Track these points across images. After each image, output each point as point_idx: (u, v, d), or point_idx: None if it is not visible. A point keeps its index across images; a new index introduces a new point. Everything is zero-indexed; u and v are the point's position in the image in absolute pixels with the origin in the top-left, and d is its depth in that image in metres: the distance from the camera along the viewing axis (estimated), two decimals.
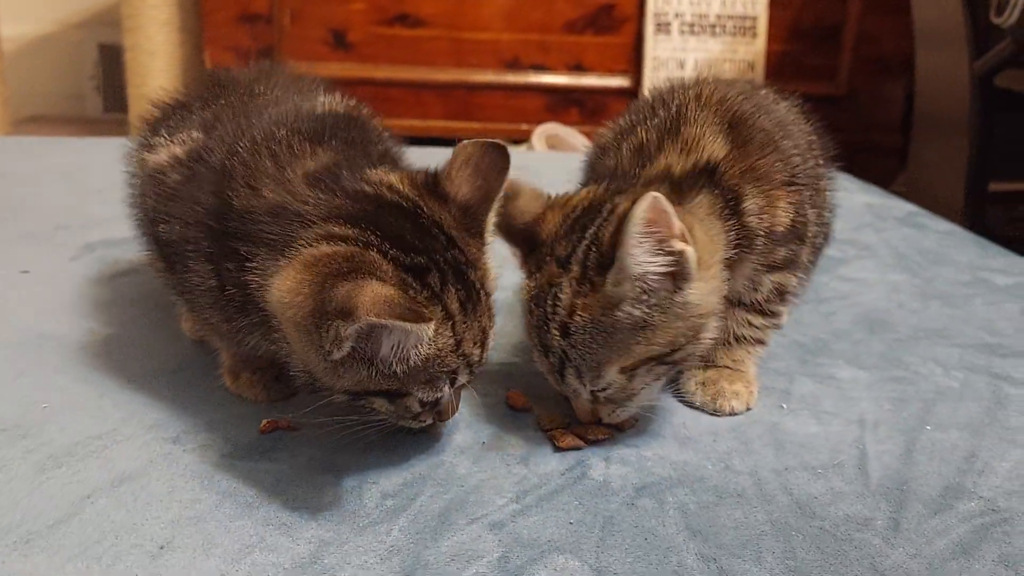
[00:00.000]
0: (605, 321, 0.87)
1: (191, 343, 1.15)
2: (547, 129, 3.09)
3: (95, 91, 4.00)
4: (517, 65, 3.22)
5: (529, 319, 0.93)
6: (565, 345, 0.89)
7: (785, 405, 1.06)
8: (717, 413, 1.03)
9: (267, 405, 1.01)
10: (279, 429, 0.95)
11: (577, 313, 0.87)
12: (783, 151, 1.00)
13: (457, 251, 0.84)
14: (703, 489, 0.88)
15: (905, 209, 2.06)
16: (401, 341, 0.76)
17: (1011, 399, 1.09)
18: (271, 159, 0.88)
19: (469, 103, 3.24)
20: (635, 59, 3.19)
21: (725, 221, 0.94)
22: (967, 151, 2.30)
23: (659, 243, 0.83)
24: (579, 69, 3.22)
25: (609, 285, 0.86)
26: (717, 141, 0.97)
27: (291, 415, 0.97)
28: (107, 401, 1.00)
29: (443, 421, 0.92)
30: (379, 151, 0.98)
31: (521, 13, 3.17)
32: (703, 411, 1.04)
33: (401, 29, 3.18)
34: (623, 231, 0.82)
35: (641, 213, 0.81)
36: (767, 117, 1.02)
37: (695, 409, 1.04)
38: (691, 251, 0.85)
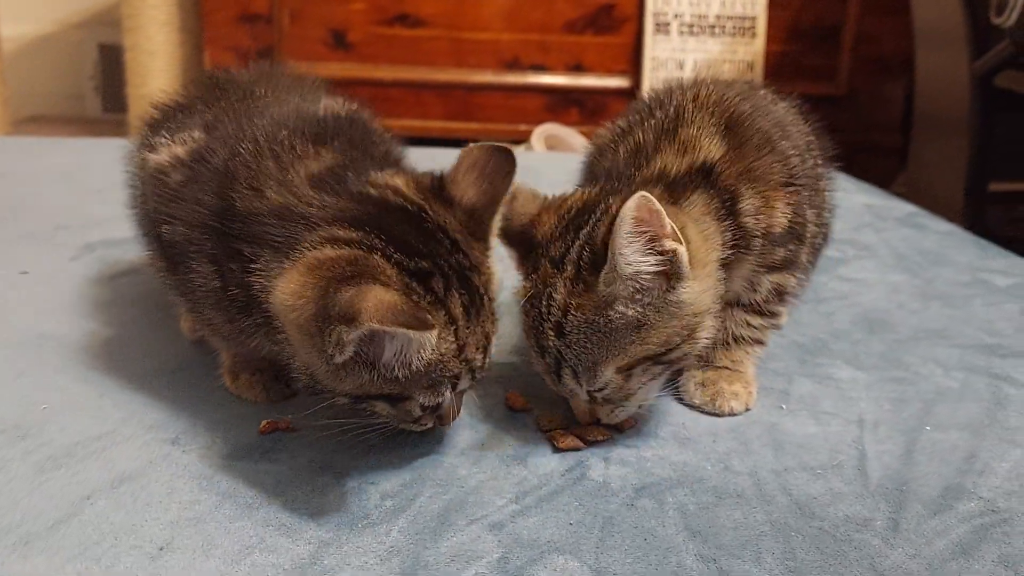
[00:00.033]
0: (599, 321, 0.87)
1: (190, 344, 1.15)
2: (546, 129, 3.09)
3: (95, 91, 4.00)
4: (517, 65, 3.22)
5: (525, 320, 0.93)
6: (560, 345, 0.89)
7: (784, 406, 1.06)
8: (716, 414, 1.03)
9: (267, 406, 1.01)
10: (278, 430, 0.95)
11: (571, 313, 0.87)
12: (780, 152, 1.00)
13: (461, 255, 0.84)
14: (703, 490, 0.88)
15: (905, 209, 2.06)
16: (404, 347, 0.76)
17: (1011, 399, 1.09)
18: (274, 160, 0.88)
19: (469, 103, 3.24)
20: (634, 59, 3.20)
21: (721, 221, 0.94)
22: (967, 151, 2.30)
23: (650, 242, 0.84)
24: (579, 69, 3.22)
25: (602, 285, 0.86)
26: (714, 142, 0.97)
27: (291, 416, 0.97)
28: (107, 401, 1.00)
29: (444, 425, 0.92)
30: (381, 153, 0.98)
31: (521, 13, 3.17)
32: (702, 412, 1.04)
33: (401, 29, 3.18)
34: (613, 232, 0.83)
35: (630, 213, 0.81)
36: (765, 118, 1.02)
37: (694, 410, 1.04)
38: (683, 250, 0.85)
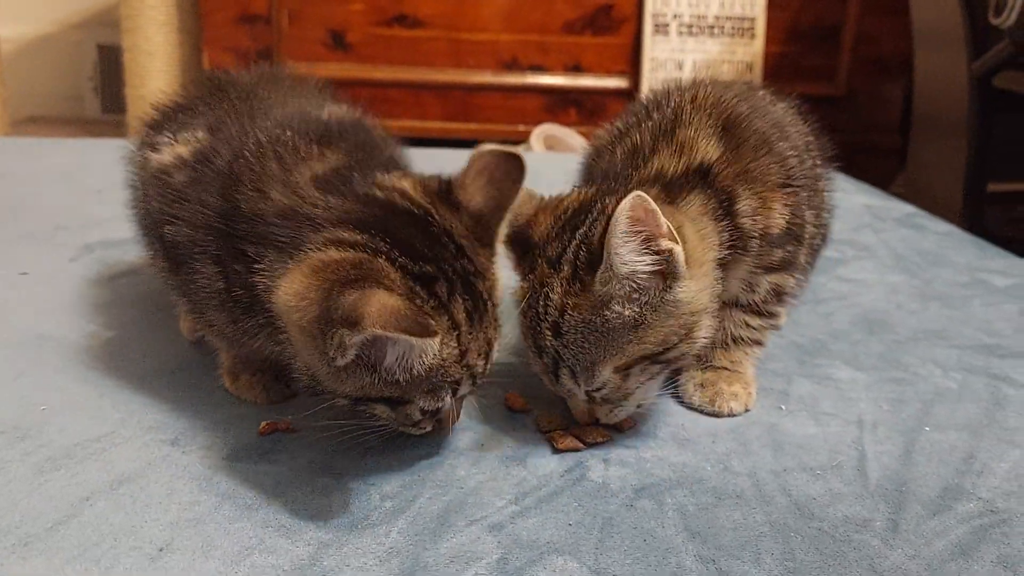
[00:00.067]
0: (596, 320, 0.87)
1: (190, 344, 1.15)
2: (545, 130, 3.09)
3: (93, 92, 4.00)
4: (515, 66, 3.22)
5: (522, 320, 0.93)
6: (558, 345, 0.89)
7: (784, 406, 1.06)
8: (716, 414, 1.03)
9: (266, 407, 1.01)
10: (278, 431, 0.95)
11: (568, 312, 0.87)
12: (778, 153, 1.00)
13: (466, 261, 0.84)
14: (702, 490, 0.88)
15: (904, 210, 2.06)
16: (406, 351, 0.76)
17: (1010, 400, 1.09)
18: (278, 161, 0.88)
19: (467, 104, 3.25)
20: (633, 60, 3.20)
21: (718, 222, 0.94)
22: (966, 152, 2.30)
23: (646, 242, 0.84)
24: (577, 70, 3.22)
25: (598, 284, 0.86)
26: (711, 143, 0.97)
27: (290, 417, 0.97)
28: (106, 402, 1.00)
29: (443, 429, 0.92)
30: (386, 157, 0.97)
31: (520, 14, 3.17)
32: (702, 412, 1.04)
33: (400, 30, 3.18)
34: (608, 231, 0.83)
35: (625, 212, 0.81)
36: (763, 119, 1.02)
37: (694, 411, 1.04)
38: (679, 250, 0.85)
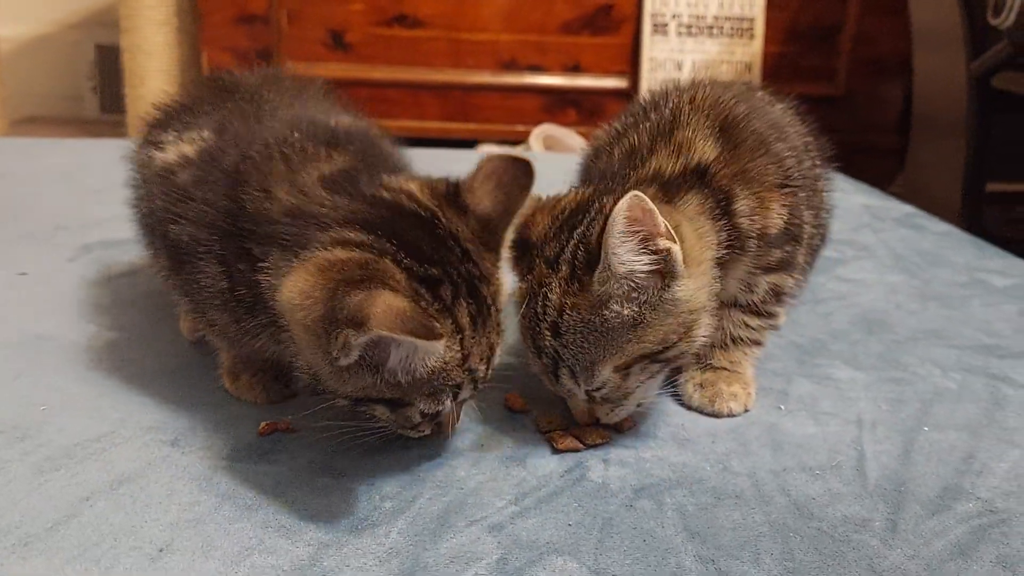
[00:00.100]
0: (595, 320, 0.87)
1: (190, 344, 1.15)
2: (544, 130, 3.10)
3: (92, 92, 4.00)
4: (514, 66, 3.22)
5: (521, 321, 0.93)
6: (557, 345, 0.89)
7: (783, 406, 1.06)
8: (715, 415, 1.03)
9: (266, 407, 1.00)
10: (278, 431, 0.95)
11: (567, 313, 0.87)
12: (776, 153, 1.00)
13: (472, 265, 0.84)
14: (701, 490, 0.88)
15: (903, 210, 2.06)
16: (409, 353, 0.76)
17: (1009, 400, 1.09)
18: (285, 162, 0.88)
19: (466, 104, 3.25)
20: (632, 60, 3.20)
21: (716, 221, 0.94)
22: (964, 152, 2.30)
23: (643, 241, 0.84)
24: (576, 70, 3.22)
25: (596, 284, 0.86)
26: (708, 144, 0.97)
27: (290, 417, 0.97)
28: (106, 402, 1.00)
29: (442, 433, 0.92)
30: (392, 162, 0.97)
31: (519, 14, 3.17)
32: (701, 413, 1.04)
33: (399, 30, 3.18)
34: (606, 231, 0.83)
35: (623, 212, 0.82)
36: (761, 120, 1.02)
37: (693, 411, 1.05)
38: (676, 249, 0.85)
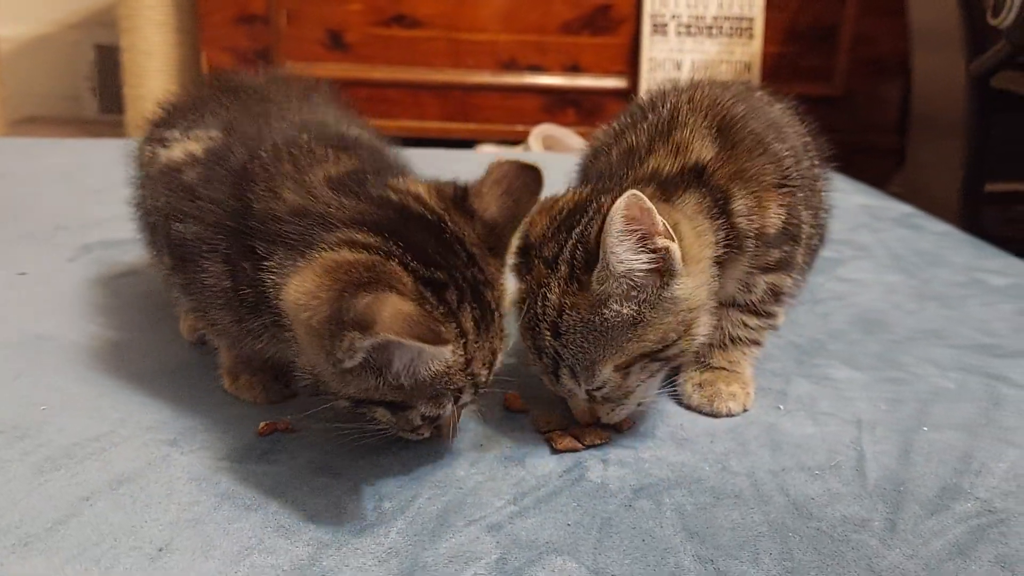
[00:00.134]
0: (595, 319, 0.87)
1: (189, 345, 1.15)
2: (543, 130, 3.10)
3: (91, 92, 4.00)
4: (514, 66, 3.23)
5: (521, 321, 0.93)
6: (557, 345, 0.89)
7: (782, 406, 1.06)
8: (714, 415, 1.03)
9: (266, 407, 1.01)
10: (277, 431, 0.96)
11: (566, 312, 0.87)
12: (773, 153, 1.00)
13: (477, 269, 0.84)
14: (700, 490, 0.88)
15: (901, 210, 2.07)
16: (414, 357, 0.76)
17: (1007, 400, 1.09)
18: (292, 163, 0.88)
19: (466, 104, 3.25)
20: (632, 60, 3.20)
21: (714, 220, 0.94)
22: (963, 152, 2.30)
23: (642, 240, 0.84)
24: (576, 70, 3.22)
25: (595, 283, 0.86)
26: (706, 144, 0.97)
27: (290, 417, 0.97)
28: (105, 402, 1.00)
29: (441, 436, 0.92)
30: (398, 167, 0.97)
31: (518, 14, 3.17)
32: (700, 412, 1.04)
33: (398, 30, 3.18)
34: (604, 230, 0.83)
35: (620, 211, 0.82)
36: (759, 120, 1.02)
37: (692, 411, 1.05)
38: (675, 247, 0.85)
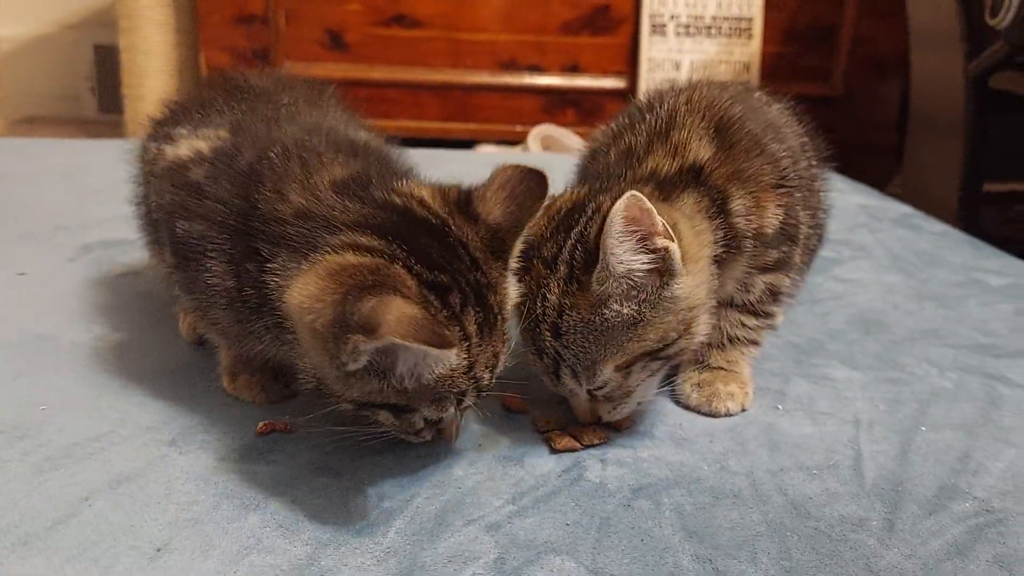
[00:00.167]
0: (595, 320, 0.87)
1: (189, 345, 1.15)
2: (543, 130, 3.10)
3: (90, 92, 3.99)
4: (513, 66, 3.22)
5: (521, 322, 0.93)
6: (558, 346, 0.89)
7: (780, 406, 1.06)
8: (713, 414, 1.03)
9: (264, 407, 1.01)
10: (276, 431, 0.96)
11: (566, 313, 0.88)
12: (771, 154, 1.00)
13: (480, 273, 0.83)
14: (699, 490, 0.88)
15: (900, 210, 2.07)
16: (418, 361, 0.76)
17: (1005, 399, 1.09)
18: (300, 166, 0.88)
19: (466, 104, 3.25)
20: (631, 60, 3.20)
21: (712, 220, 0.94)
22: (962, 152, 2.30)
23: (641, 241, 0.84)
24: (575, 70, 3.22)
25: (595, 284, 0.86)
26: (703, 144, 0.97)
27: (288, 417, 0.97)
28: (105, 402, 1.00)
29: (443, 439, 0.92)
30: (403, 171, 0.97)
31: (517, 14, 3.17)
32: (699, 412, 1.04)
33: (398, 30, 3.18)
34: (604, 232, 0.83)
35: (620, 212, 0.82)
36: (756, 120, 1.03)
37: (691, 410, 1.05)
38: (675, 247, 0.85)
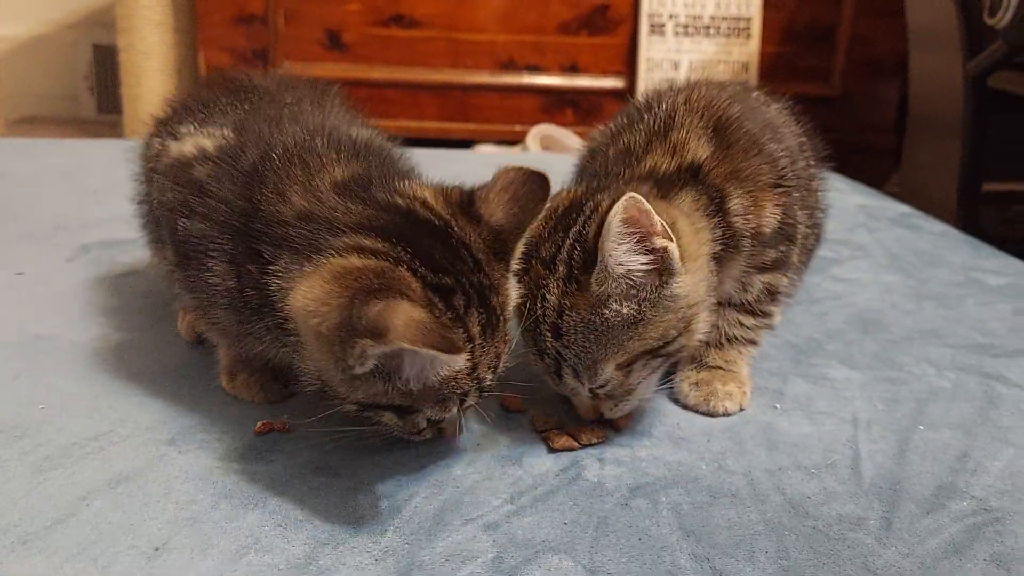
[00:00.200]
0: (595, 320, 0.87)
1: (188, 344, 1.15)
2: (542, 130, 3.10)
3: (89, 92, 3.99)
4: (512, 66, 3.23)
5: (521, 323, 0.93)
6: (559, 346, 0.89)
7: (778, 405, 1.06)
8: (711, 414, 1.03)
9: (263, 406, 1.01)
10: (275, 431, 0.96)
11: (566, 313, 0.88)
12: (769, 154, 1.00)
13: (483, 275, 0.83)
14: (697, 489, 0.88)
15: (898, 210, 2.07)
16: (425, 364, 0.76)
17: (1003, 399, 1.09)
18: (302, 167, 0.88)
19: (465, 104, 3.25)
20: (629, 60, 3.20)
21: (710, 218, 0.95)
22: (960, 152, 2.30)
23: (640, 242, 0.84)
24: (574, 70, 3.23)
25: (594, 284, 0.86)
26: (702, 143, 0.98)
27: (287, 416, 0.98)
28: (104, 402, 1.00)
29: (446, 437, 0.93)
30: (406, 171, 0.97)
31: (516, 14, 3.17)
32: (697, 412, 1.04)
33: (397, 30, 3.18)
34: (602, 233, 0.83)
35: (619, 214, 0.82)
36: (754, 120, 1.03)
37: (689, 410, 1.05)
38: (673, 247, 0.85)
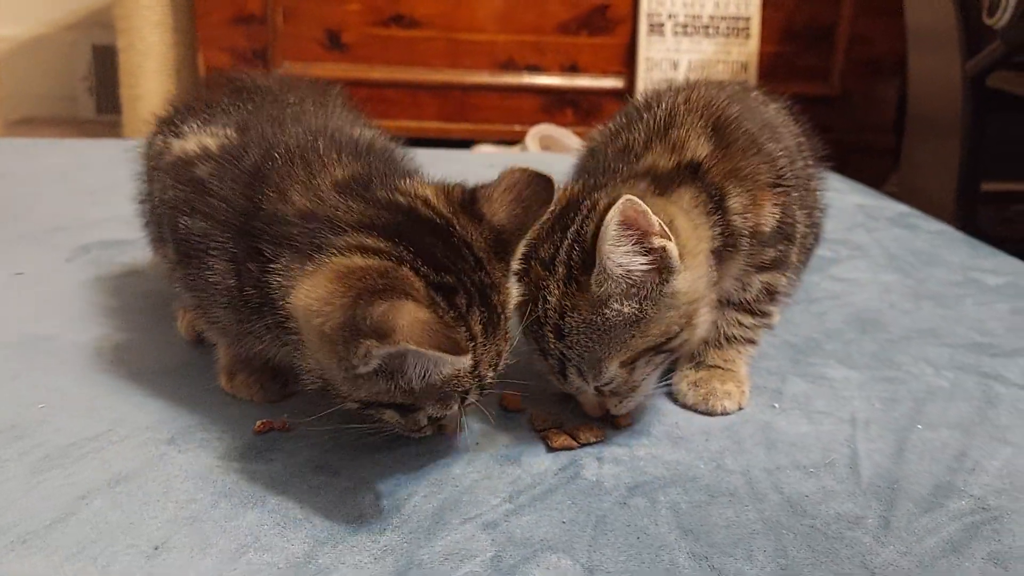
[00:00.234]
0: (597, 319, 0.87)
1: (187, 344, 1.16)
2: (541, 130, 3.10)
3: (88, 92, 3.99)
4: (512, 66, 3.23)
5: (524, 325, 0.93)
6: (562, 347, 0.90)
7: (777, 404, 1.06)
8: (709, 413, 1.03)
9: (262, 405, 1.01)
10: (273, 430, 0.96)
11: (568, 314, 0.88)
12: (767, 153, 1.00)
13: (484, 273, 0.83)
14: (695, 488, 0.89)
15: (897, 209, 2.07)
16: (428, 364, 0.76)
17: (1001, 398, 1.09)
18: (304, 167, 0.88)
19: (464, 104, 3.25)
20: (629, 60, 3.20)
21: (709, 216, 0.95)
22: (959, 152, 2.30)
23: (638, 243, 0.84)
24: (573, 70, 3.23)
25: (594, 285, 0.86)
26: (701, 142, 0.98)
27: (286, 416, 0.98)
28: (103, 401, 1.00)
29: (447, 434, 0.93)
30: (407, 171, 0.97)
31: (515, 14, 3.17)
32: (695, 411, 1.04)
33: (396, 30, 3.18)
34: (600, 236, 0.83)
35: (615, 218, 0.82)
36: (753, 120, 1.03)
37: (687, 409, 1.05)
38: (672, 246, 0.85)
